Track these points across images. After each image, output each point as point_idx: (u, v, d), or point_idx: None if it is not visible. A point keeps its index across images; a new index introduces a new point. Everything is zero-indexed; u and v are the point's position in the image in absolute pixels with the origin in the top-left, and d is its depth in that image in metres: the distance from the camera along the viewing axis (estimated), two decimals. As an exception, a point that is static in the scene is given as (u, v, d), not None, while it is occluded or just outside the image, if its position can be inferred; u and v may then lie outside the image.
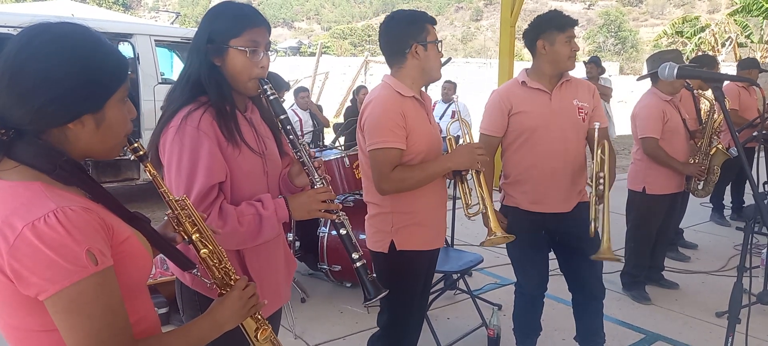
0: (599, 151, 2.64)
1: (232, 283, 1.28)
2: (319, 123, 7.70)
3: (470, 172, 2.27)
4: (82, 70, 1.03)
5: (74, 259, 0.96)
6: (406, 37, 2.20)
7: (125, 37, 6.85)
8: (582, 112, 2.72)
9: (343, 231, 1.69)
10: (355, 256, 1.70)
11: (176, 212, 1.25)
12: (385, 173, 2.16)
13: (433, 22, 2.27)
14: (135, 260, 1.11)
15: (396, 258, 2.26)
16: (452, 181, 2.41)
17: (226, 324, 1.23)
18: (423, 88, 2.35)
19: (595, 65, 7.66)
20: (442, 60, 2.31)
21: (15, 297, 0.99)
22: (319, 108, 8.55)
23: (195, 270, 1.29)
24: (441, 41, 2.26)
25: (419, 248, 2.30)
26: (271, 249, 1.72)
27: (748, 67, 5.78)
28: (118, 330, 1.02)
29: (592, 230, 2.65)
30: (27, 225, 0.95)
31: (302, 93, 7.74)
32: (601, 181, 2.63)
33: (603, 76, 8.08)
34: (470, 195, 2.34)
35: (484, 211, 2.34)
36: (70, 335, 0.99)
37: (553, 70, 2.72)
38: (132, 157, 1.18)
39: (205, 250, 1.26)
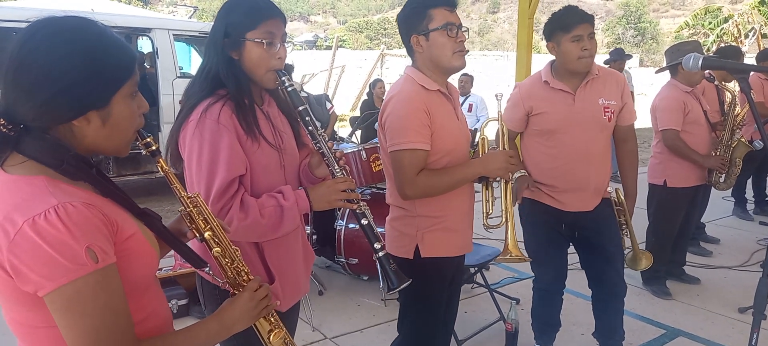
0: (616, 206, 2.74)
1: (244, 283, 1.26)
2: (324, 114, 7.54)
3: (499, 179, 2.11)
4: (86, 65, 1.01)
5: (73, 256, 0.94)
6: (407, 30, 2.05)
7: (144, 31, 6.92)
8: (608, 112, 2.63)
9: (364, 221, 1.68)
10: (377, 246, 1.69)
11: (188, 209, 1.23)
12: (410, 177, 1.97)
13: (446, 2, 2.00)
14: (140, 257, 1.09)
15: (421, 265, 2.07)
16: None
17: (235, 326, 1.19)
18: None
19: (621, 59, 7.36)
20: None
21: (16, 293, 0.98)
22: (320, 99, 8.27)
23: (207, 269, 1.27)
24: (455, 24, 1.99)
25: (446, 255, 2.13)
26: (290, 242, 1.73)
27: (766, 58, 5.66)
28: (118, 329, 1.00)
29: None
30: (27, 221, 0.94)
31: None
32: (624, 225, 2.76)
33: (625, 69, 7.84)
34: (492, 204, 2.15)
35: (504, 225, 2.15)
36: (69, 333, 0.98)
37: (568, 72, 2.63)
38: (144, 152, 1.14)
39: (217, 248, 1.23)
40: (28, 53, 0.99)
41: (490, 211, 2.15)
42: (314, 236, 4.17)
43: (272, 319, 1.31)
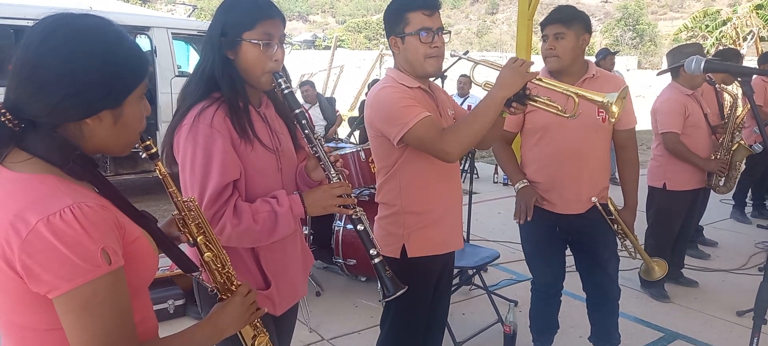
0: (607, 216, 2.69)
1: (234, 289, 1.26)
2: (332, 116, 7.66)
3: (527, 88, 1.95)
4: (104, 66, 1.01)
5: (89, 257, 0.94)
6: (387, 31, 2.08)
7: (142, 29, 6.90)
8: (602, 112, 2.59)
9: (360, 227, 1.66)
10: (372, 252, 1.67)
11: (183, 214, 1.22)
12: (437, 138, 1.92)
13: (424, 5, 1.98)
14: (143, 260, 1.09)
15: (407, 265, 2.09)
16: (468, 174, 2.26)
17: (226, 330, 1.21)
18: (433, 80, 2.20)
19: (606, 57, 7.32)
20: (449, 53, 2.06)
21: (22, 294, 0.97)
22: (331, 101, 8.49)
23: (198, 273, 1.27)
24: (430, 29, 1.99)
25: (433, 253, 2.15)
26: (287, 245, 1.71)
27: (765, 61, 5.66)
28: (125, 332, 1.00)
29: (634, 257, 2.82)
30: (41, 220, 0.93)
31: (305, 86, 7.71)
32: (626, 241, 2.74)
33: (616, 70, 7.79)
34: (550, 102, 1.99)
35: (577, 99, 1.97)
36: (78, 335, 0.97)
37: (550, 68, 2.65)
38: (143, 155, 1.15)
39: (209, 253, 1.23)
40: (47, 51, 0.99)
41: (558, 106, 1.98)
42: (312, 237, 4.16)
43: (257, 324, 1.32)
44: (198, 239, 1.23)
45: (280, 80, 1.60)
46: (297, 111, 1.63)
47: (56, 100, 0.99)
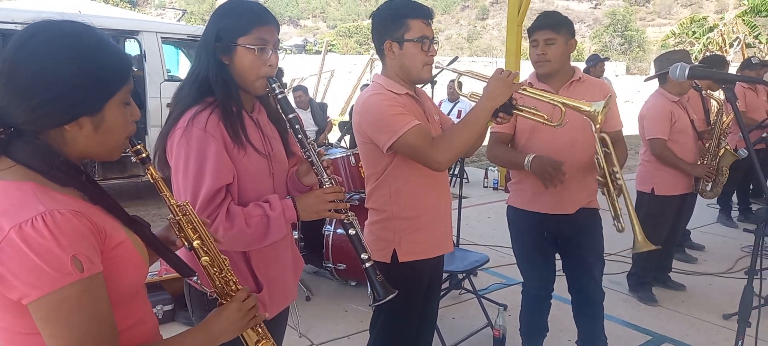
0: (601, 147, 2.56)
1: (233, 293, 1.24)
2: (323, 121, 7.69)
3: (514, 99, 1.99)
4: (81, 71, 1.01)
5: (58, 265, 0.93)
6: (381, 34, 2.07)
7: (132, 34, 6.88)
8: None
9: (351, 231, 1.67)
10: (364, 256, 1.68)
11: (177, 218, 1.22)
12: (427, 147, 1.95)
13: (424, 15, 2.03)
14: (129, 265, 1.08)
15: (398, 269, 2.09)
16: (458, 179, 2.29)
17: (221, 336, 1.18)
18: (420, 86, 2.22)
19: (596, 64, 7.41)
20: (439, 58, 2.11)
21: (1, 299, 0.97)
22: (323, 107, 8.51)
23: (195, 278, 1.26)
24: (428, 38, 2.03)
25: (423, 257, 2.17)
26: (278, 249, 1.71)
27: (746, 67, 5.74)
28: (102, 339, 0.99)
29: (621, 226, 2.62)
30: (13, 227, 0.93)
31: (298, 92, 7.73)
32: (618, 174, 2.58)
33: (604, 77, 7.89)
34: (536, 111, 2.06)
35: (564, 108, 2.04)
36: (52, 342, 0.96)
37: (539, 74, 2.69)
38: (134, 160, 1.14)
39: (206, 258, 1.22)
40: (25, 56, 0.99)
41: (544, 116, 2.06)
42: (302, 243, 4.16)
43: (260, 329, 1.30)
44: (194, 243, 1.22)
45: (274, 85, 1.61)
46: (290, 116, 1.64)
47: (33, 106, 0.98)
